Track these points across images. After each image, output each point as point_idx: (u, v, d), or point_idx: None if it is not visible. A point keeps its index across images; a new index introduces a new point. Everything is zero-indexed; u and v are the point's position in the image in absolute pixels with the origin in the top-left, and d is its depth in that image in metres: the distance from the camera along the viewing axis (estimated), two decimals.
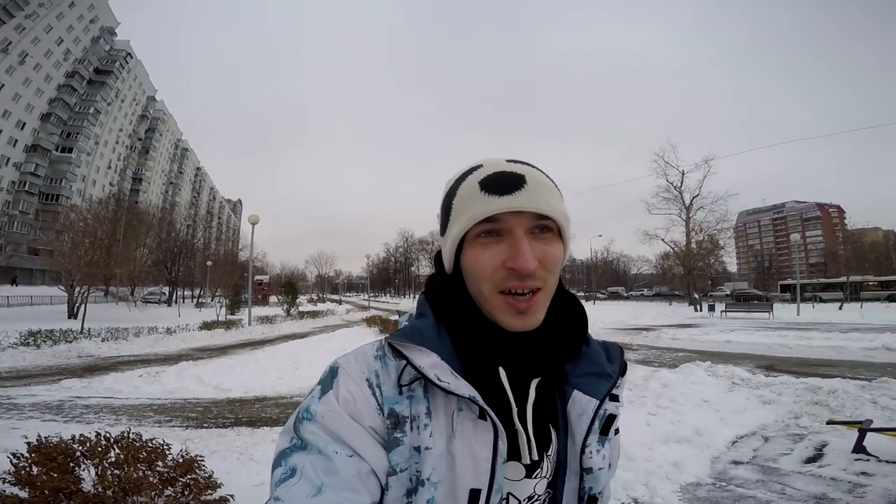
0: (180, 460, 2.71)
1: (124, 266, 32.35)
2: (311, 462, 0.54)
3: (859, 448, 3.91)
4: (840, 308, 27.12)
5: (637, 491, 3.47)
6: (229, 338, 17.30)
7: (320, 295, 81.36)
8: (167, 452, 2.72)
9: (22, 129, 52.97)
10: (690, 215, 35.69)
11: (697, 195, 35.36)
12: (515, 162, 0.65)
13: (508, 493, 0.61)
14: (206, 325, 18.20)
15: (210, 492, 2.71)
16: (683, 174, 35.68)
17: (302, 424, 0.57)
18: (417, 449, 0.57)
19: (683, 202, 35.93)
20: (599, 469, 0.65)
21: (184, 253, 49.19)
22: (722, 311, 25.98)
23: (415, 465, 0.56)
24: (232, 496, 2.72)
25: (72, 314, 23.26)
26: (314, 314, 28.61)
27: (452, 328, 0.64)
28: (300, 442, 0.56)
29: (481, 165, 0.65)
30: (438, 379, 0.57)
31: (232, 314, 27.61)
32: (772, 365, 9.14)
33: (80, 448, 2.54)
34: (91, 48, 63.36)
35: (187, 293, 53.08)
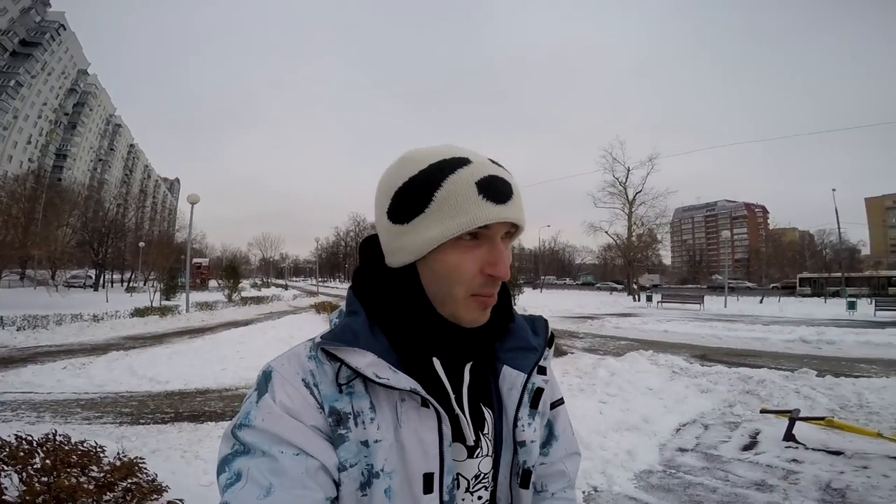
0: (118, 463, 2.48)
1: (43, 247, 29.78)
2: (257, 464, 0.53)
3: (789, 436, 4.22)
4: (761, 301, 29.34)
5: (596, 479, 3.57)
6: (165, 325, 16.30)
7: (265, 279, 78.46)
8: (102, 455, 2.49)
9: None
10: (633, 210, 37.44)
11: (640, 191, 37.21)
12: (495, 163, 0.63)
13: (458, 474, 0.62)
14: (139, 312, 17.03)
15: (156, 496, 2.48)
16: (629, 171, 37.36)
17: (241, 430, 0.56)
18: (366, 443, 0.57)
19: (627, 197, 37.65)
20: (532, 442, 0.66)
21: (113, 233, 45.75)
22: (658, 302, 27.45)
23: (364, 458, 0.57)
24: (181, 501, 2.53)
25: None
26: (258, 300, 27.57)
27: (386, 324, 0.62)
28: (241, 447, 0.55)
29: (469, 161, 0.60)
30: (377, 376, 0.57)
31: (167, 300, 26.02)
32: (705, 355, 9.73)
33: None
34: (19, 19, 57.80)
35: (117, 277, 49.73)
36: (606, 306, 26.84)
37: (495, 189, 0.58)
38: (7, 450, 2.29)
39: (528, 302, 25.50)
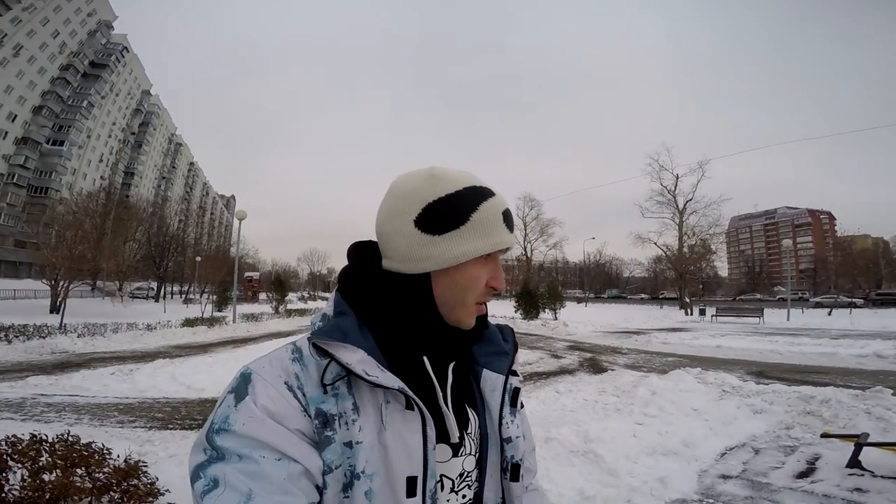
0: (122, 465, 2.51)
1: (112, 260, 31.87)
2: (235, 470, 0.52)
3: (854, 462, 3.69)
4: (829, 314, 27.14)
5: None
6: (212, 335, 16.92)
7: (311, 293, 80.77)
8: (107, 457, 2.51)
9: (13, 121, 52.18)
10: (683, 219, 35.75)
11: (691, 199, 35.57)
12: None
13: (441, 475, 0.64)
14: (189, 322, 17.79)
15: (151, 499, 2.48)
16: (678, 178, 35.87)
17: (219, 435, 0.55)
18: (349, 444, 0.57)
19: (677, 206, 36.06)
20: (517, 437, 0.71)
21: (174, 248, 48.49)
22: (713, 316, 25.92)
23: (347, 460, 0.57)
24: None
25: (54, 309, 22.72)
26: (302, 312, 28.24)
27: (376, 324, 0.65)
28: (216, 453, 0.54)
29: (494, 194, 0.68)
30: (366, 374, 0.58)
31: (219, 311, 27.15)
32: (762, 371, 8.96)
33: (10, 450, 2.32)
34: (87, 41, 62.63)
35: (177, 289, 52.51)
36: (655, 321, 25.55)
37: (510, 220, 0.69)
38: (19, 446, 2.36)
39: (572, 317, 24.62)
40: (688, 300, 34.36)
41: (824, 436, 4.31)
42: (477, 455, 0.68)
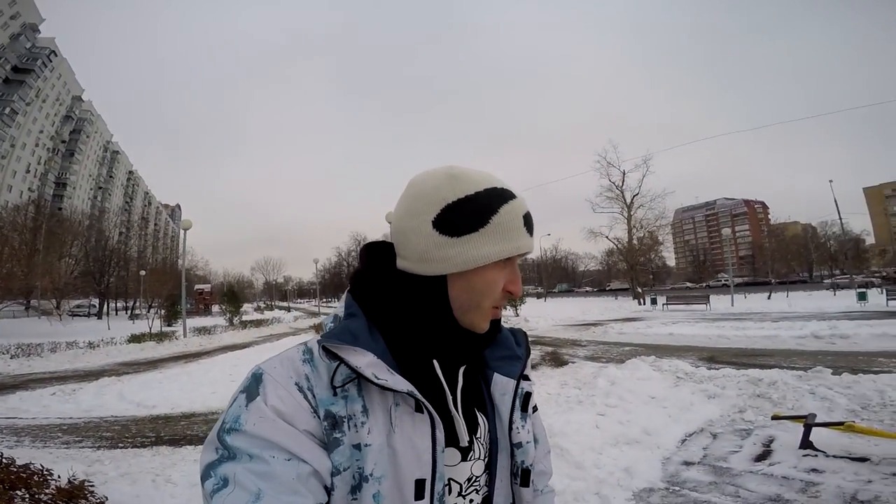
0: (66, 486, 2.41)
1: (46, 277, 29.74)
2: (245, 469, 0.52)
3: (806, 443, 3.86)
4: (768, 298, 28.86)
5: (589, 502, 3.24)
6: (162, 351, 16.15)
7: (268, 302, 78.28)
8: (48, 478, 2.41)
9: None
10: (632, 213, 37.11)
11: (637, 194, 36.88)
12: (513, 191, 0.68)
13: (449, 479, 0.63)
14: (135, 338, 16.91)
15: None
16: (624, 174, 37.12)
17: (229, 435, 0.54)
18: (357, 447, 0.57)
19: (625, 201, 37.34)
20: (527, 443, 0.71)
21: (115, 262, 45.69)
22: (664, 304, 27.03)
23: (356, 462, 0.57)
24: None
25: None
26: (259, 323, 27.37)
27: (387, 327, 0.64)
28: (227, 452, 0.54)
29: (514, 194, 0.66)
30: (376, 377, 0.57)
31: (169, 325, 25.87)
32: (713, 357, 9.36)
33: None
34: (10, 45, 57.91)
35: (121, 305, 49.65)
36: (611, 312, 26.38)
37: (530, 224, 0.67)
38: None
39: (532, 312, 25.12)
40: (640, 290, 35.70)
41: (775, 418, 4.51)
42: (486, 459, 0.68)
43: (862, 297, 20.92)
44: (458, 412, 0.64)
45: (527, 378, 0.75)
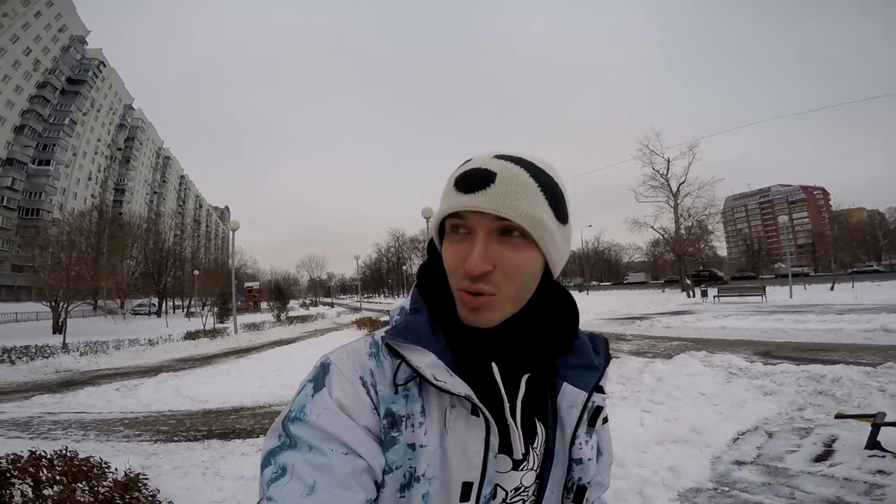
0: (122, 479, 2.56)
1: (110, 279, 31.76)
2: (303, 460, 0.52)
3: (873, 444, 3.59)
4: (831, 288, 27.10)
5: (631, 501, 3.14)
6: (214, 347, 16.88)
7: (313, 299, 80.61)
8: (106, 471, 2.56)
9: None
10: (678, 202, 35.58)
11: (684, 182, 35.17)
12: (504, 158, 0.59)
13: (496, 485, 0.61)
14: (190, 335, 17.74)
15: None
16: (669, 162, 35.49)
17: (294, 424, 0.55)
18: (412, 446, 0.56)
19: (670, 189, 35.77)
20: (588, 459, 0.66)
21: (171, 262, 48.28)
22: (715, 297, 25.86)
23: (409, 461, 0.56)
24: None
25: (56, 329, 22.66)
26: (304, 318, 28.16)
27: (446, 324, 0.62)
28: (289, 440, 0.54)
29: (470, 160, 0.61)
30: (435, 378, 0.56)
31: (221, 322, 27.07)
32: (769, 351, 8.88)
33: (10, 467, 2.33)
34: (62, 57, 61.99)
35: (178, 303, 52.36)
36: (657, 305, 25.44)
37: (468, 180, 0.57)
38: (19, 463, 2.38)
39: None
40: (688, 282, 34.28)
41: (839, 416, 4.20)
42: (538, 470, 0.64)
43: None
44: (515, 422, 0.61)
45: (601, 390, 0.69)
